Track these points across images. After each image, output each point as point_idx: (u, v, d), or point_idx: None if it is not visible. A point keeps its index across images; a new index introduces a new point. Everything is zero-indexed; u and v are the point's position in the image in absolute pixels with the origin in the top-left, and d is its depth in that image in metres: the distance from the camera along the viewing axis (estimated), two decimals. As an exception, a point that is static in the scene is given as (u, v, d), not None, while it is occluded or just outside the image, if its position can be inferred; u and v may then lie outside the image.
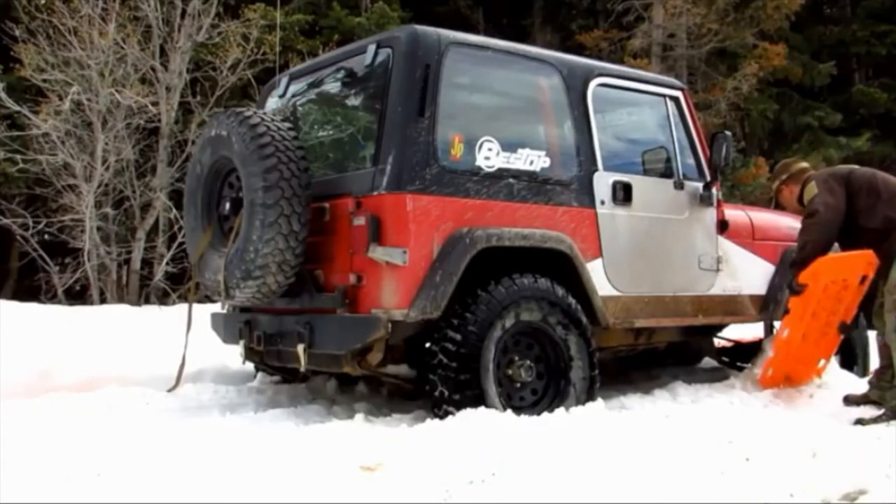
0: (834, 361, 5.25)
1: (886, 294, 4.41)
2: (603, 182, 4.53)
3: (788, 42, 17.63)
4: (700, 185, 5.02)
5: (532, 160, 4.29)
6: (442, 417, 3.86)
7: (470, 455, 3.19)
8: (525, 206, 4.21)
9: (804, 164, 5.04)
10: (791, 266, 4.71)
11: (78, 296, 10.77)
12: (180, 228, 9.70)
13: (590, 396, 4.18)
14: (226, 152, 4.11)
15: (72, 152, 10.49)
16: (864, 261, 4.50)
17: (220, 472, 2.99)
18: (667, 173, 4.96)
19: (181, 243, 9.81)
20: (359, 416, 4.01)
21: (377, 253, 3.79)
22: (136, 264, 10.54)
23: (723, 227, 5.13)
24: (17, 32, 10.78)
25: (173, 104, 11.32)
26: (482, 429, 3.62)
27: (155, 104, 11.00)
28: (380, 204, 3.87)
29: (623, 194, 4.59)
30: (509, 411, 3.83)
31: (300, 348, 3.99)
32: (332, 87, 4.67)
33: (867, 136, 17.89)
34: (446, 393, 3.82)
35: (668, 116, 5.03)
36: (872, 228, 4.50)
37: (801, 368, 4.91)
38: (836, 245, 4.75)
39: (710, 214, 5.07)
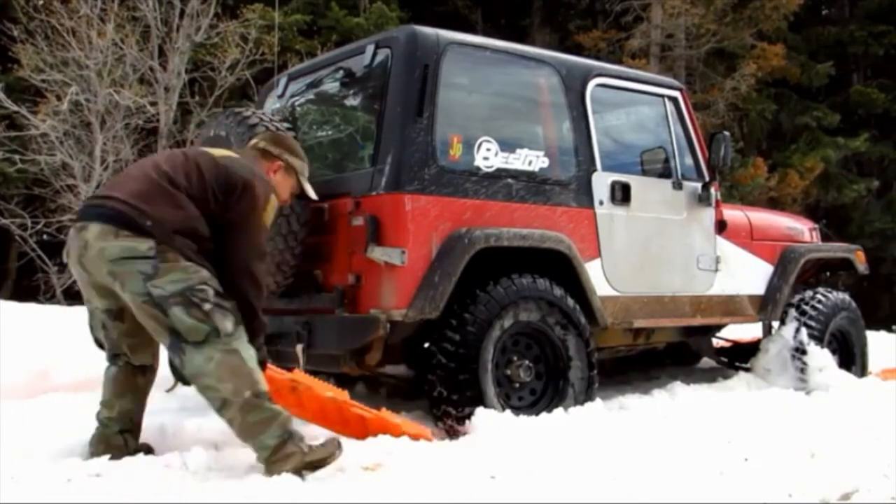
0: (833, 362, 5.26)
1: None
2: (601, 182, 4.54)
3: (787, 42, 17.67)
4: (698, 185, 5.02)
5: (531, 160, 4.29)
6: (440, 418, 3.87)
7: (469, 455, 3.20)
8: (524, 207, 4.21)
9: None
10: None
11: (77, 296, 10.72)
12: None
13: (588, 396, 4.18)
14: (224, 152, 4.11)
15: (70, 152, 10.50)
16: None
17: (218, 472, 2.99)
18: (665, 173, 4.96)
19: (180, 243, 9.79)
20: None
21: (376, 253, 3.79)
22: (135, 264, 10.52)
23: (721, 227, 5.13)
24: (16, 33, 10.79)
25: (172, 104, 11.32)
26: (482, 429, 3.62)
27: (153, 104, 11.00)
28: (378, 204, 3.86)
29: (622, 194, 4.59)
30: (508, 411, 3.83)
31: (299, 348, 3.98)
32: (331, 87, 4.68)
33: (865, 137, 17.95)
34: (445, 393, 3.82)
35: (667, 116, 5.03)
36: None
37: None
38: None
39: (709, 214, 5.07)
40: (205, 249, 2.96)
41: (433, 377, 3.87)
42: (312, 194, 3.58)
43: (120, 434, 3.18)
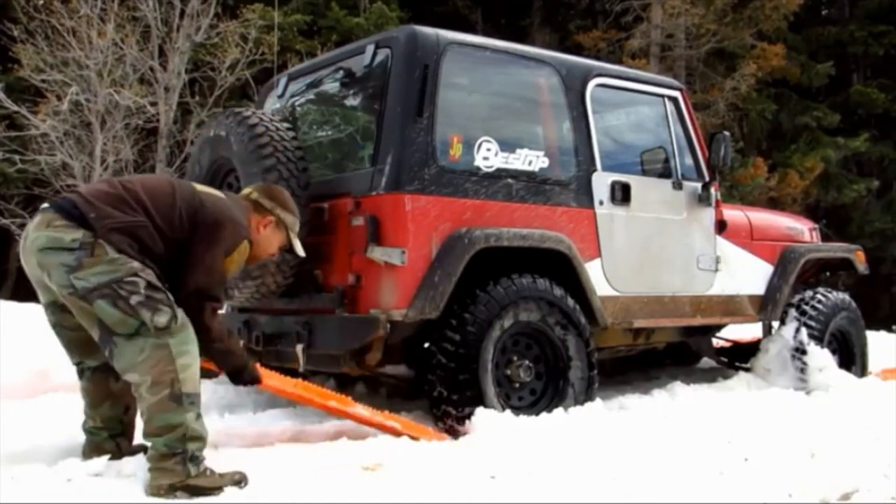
0: (833, 362, 5.26)
1: None
2: (601, 182, 4.54)
3: (787, 42, 17.68)
4: (698, 185, 5.02)
5: (531, 160, 4.29)
6: (440, 418, 3.87)
7: (469, 455, 3.20)
8: (524, 207, 4.21)
9: None
10: None
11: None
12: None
13: (588, 396, 4.18)
14: (224, 152, 4.11)
15: (70, 152, 10.50)
16: None
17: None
18: (665, 173, 4.96)
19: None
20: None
21: (376, 253, 3.79)
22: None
23: (721, 227, 5.13)
24: (16, 33, 10.80)
25: (172, 104, 11.33)
26: (482, 429, 3.62)
27: (153, 104, 11.01)
28: (378, 204, 3.86)
29: (622, 194, 4.59)
30: (508, 411, 3.83)
31: (299, 348, 3.99)
32: (331, 87, 4.68)
33: (865, 137, 17.96)
34: (445, 393, 3.82)
35: (667, 116, 5.03)
36: None
37: None
38: None
39: (709, 214, 5.07)
40: (151, 255, 2.85)
41: (433, 377, 3.87)
42: (300, 251, 3.42)
43: (111, 439, 3.13)
